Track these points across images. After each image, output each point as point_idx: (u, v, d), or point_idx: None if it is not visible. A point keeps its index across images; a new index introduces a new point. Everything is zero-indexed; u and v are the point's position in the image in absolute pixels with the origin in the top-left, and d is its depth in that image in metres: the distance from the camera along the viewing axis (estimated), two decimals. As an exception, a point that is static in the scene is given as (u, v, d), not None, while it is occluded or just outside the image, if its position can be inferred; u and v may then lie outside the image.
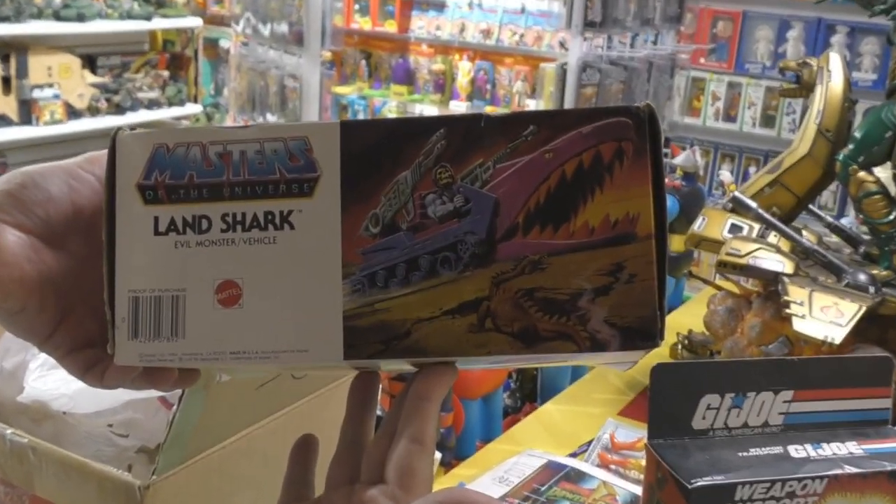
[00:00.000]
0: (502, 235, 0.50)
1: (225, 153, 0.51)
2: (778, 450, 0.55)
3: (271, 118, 3.73)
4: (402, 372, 0.60)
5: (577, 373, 2.12)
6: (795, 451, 0.55)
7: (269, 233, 0.50)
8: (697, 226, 1.40)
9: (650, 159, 0.50)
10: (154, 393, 0.76)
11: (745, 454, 0.54)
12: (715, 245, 1.34)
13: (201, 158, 0.51)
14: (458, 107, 4.15)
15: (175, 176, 0.51)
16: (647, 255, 0.50)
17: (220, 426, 0.73)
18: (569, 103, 3.07)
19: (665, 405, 0.55)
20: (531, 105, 3.74)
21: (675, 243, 3.16)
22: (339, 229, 0.50)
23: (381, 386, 0.60)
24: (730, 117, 3.86)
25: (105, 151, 0.52)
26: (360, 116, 4.33)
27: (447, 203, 0.50)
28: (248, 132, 0.51)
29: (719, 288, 1.49)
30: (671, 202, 3.10)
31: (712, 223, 1.38)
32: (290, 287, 0.50)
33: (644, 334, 0.50)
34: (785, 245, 1.31)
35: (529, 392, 2.19)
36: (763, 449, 0.55)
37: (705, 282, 1.65)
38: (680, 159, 2.81)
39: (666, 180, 0.51)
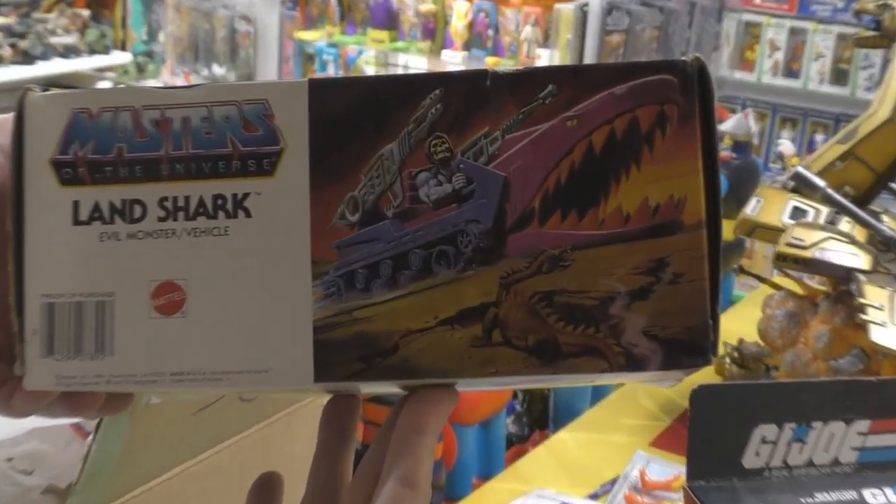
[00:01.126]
0: (514, 224, 0.50)
1: (163, 120, 0.50)
2: (851, 495, 0.55)
3: (218, 71, 3.73)
4: (386, 394, 0.60)
5: (598, 392, 2.13)
6: (872, 496, 0.55)
7: (219, 222, 0.50)
8: (751, 208, 1.41)
9: (700, 126, 0.50)
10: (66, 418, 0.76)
11: (809, 500, 0.55)
12: (772, 233, 1.35)
13: (133, 127, 0.50)
14: (453, 58, 4.14)
15: (100, 149, 0.50)
16: (696, 248, 0.50)
17: (149, 461, 0.73)
18: (590, 55, 3.08)
19: (709, 437, 0.56)
20: (543, 56, 3.73)
21: (724, 230, 3.15)
22: (307, 217, 0.50)
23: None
24: (792, 72, 3.87)
25: (9, 116, 0.51)
26: (331, 70, 4.30)
27: (444, 184, 0.50)
28: (192, 93, 0.51)
29: (777, 287, 1.49)
30: (720, 178, 3.09)
31: (769, 205, 1.39)
32: (246, 290, 0.50)
33: (692, 349, 0.50)
34: (860, 234, 1.32)
35: (539, 416, 2.19)
36: (832, 493, 0.55)
37: (760, 279, 1.65)
38: (729, 125, 2.81)
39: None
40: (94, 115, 0.51)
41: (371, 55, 4.27)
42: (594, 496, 1.21)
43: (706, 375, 1.73)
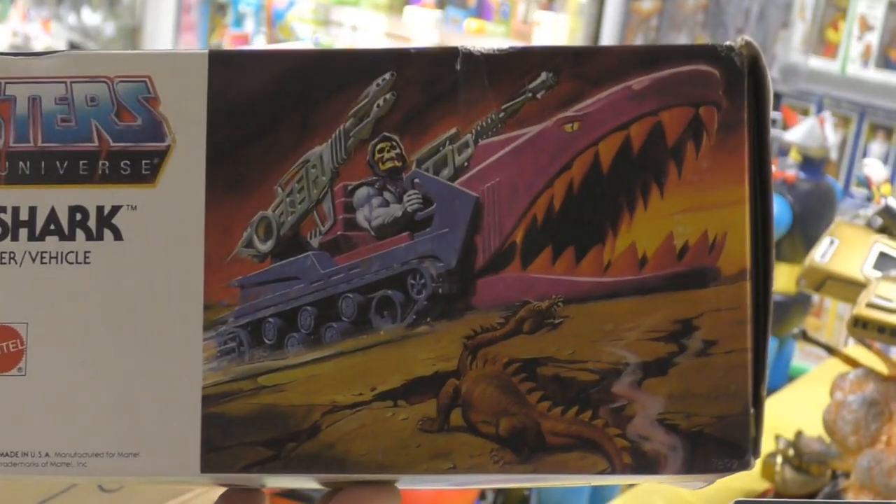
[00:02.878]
0: (486, 265, 0.50)
1: (2, 100, 0.51)
2: None
3: (91, 19, 3.73)
4: (304, 490, 0.61)
5: (598, 495, 2.14)
6: None
7: (76, 245, 0.51)
8: (821, 253, 1.42)
9: (749, 138, 0.51)
10: None
11: None
12: (850, 288, 1.36)
13: None
14: (420, 18, 4.16)
15: None
16: (737, 307, 0.50)
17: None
18: (610, 27, 3.10)
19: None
20: (545, 23, 3.75)
21: (782, 279, 3.15)
22: (200, 243, 0.50)
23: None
24: (889, 62, 3.90)
25: None
26: (249, 25, 4.32)
27: (392, 204, 0.51)
28: (43, 64, 0.51)
29: (853, 363, 1.50)
30: (779, 208, 3.09)
31: (847, 249, 1.40)
32: (109, 342, 0.50)
33: (726, 447, 0.50)
34: (970, 295, 1.33)
35: (516, 525, 2.20)
36: None
37: (829, 350, 1.67)
38: (799, 134, 2.83)
39: (774, 169, 0.52)
40: None
41: (307, 8, 4.28)
42: None
43: (749, 479, 1.74)
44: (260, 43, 4.35)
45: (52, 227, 0.50)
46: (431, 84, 0.51)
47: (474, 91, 0.51)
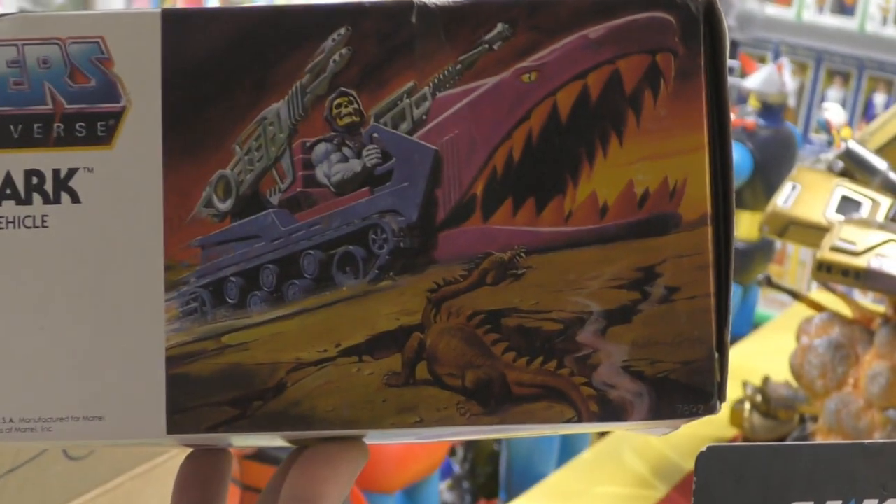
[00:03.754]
0: (447, 218, 0.50)
1: None
2: None
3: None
4: (271, 448, 0.61)
5: (568, 446, 2.14)
6: None
7: (33, 209, 0.50)
8: (783, 198, 1.42)
9: (706, 84, 0.51)
10: None
11: None
12: (813, 233, 1.37)
13: None
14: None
15: None
16: (698, 252, 0.50)
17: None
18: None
19: (720, 518, 0.56)
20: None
21: (744, 226, 3.17)
22: (159, 203, 0.50)
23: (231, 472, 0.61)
24: (844, 7, 3.92)
25: None
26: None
27: (351, 159, 0.50)
28: None
29: (818, 307, 1.51)
30: (740, 155, 3.10)
31: (809, 194, 1.41)
32: (70, 305, 0.50)
33: (691, 392, 0.50)
34: (933, 235, 1.34)
35: (486, 481, 2.21)
36: None
37: (794, 295, 1.67)
38: (757, 81, 2.84)
39: (734, 117, 0.52)
40: None
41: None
42: None
43: (718, 426, 1.75)
44: (214, 2, 4.34)
45: (9, 191, 0.50)
46: (387, 38, 0.50)
47: (431, 44, 0.50)
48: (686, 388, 0.50)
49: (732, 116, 3.54)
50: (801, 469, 0.57)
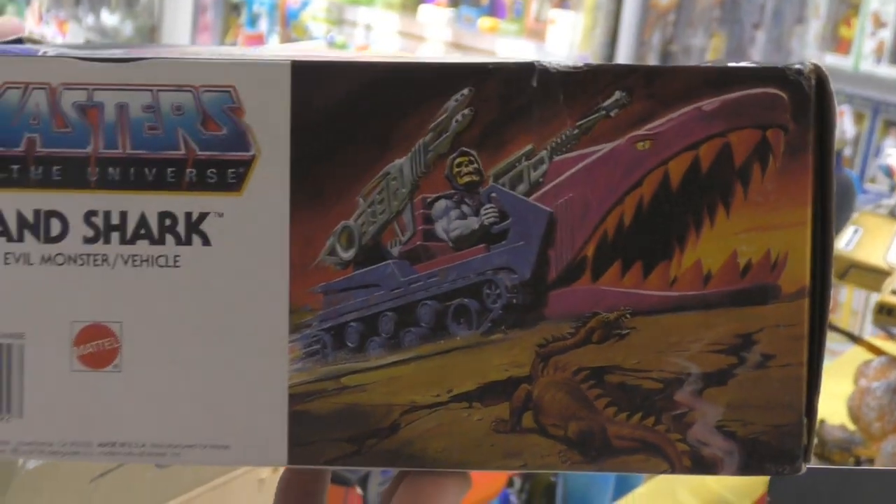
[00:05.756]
0: (558, 277, 0.52)
1: (90, 106, 0.51)
2: None
3: (109, 20, 3.72)
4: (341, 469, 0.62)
5: (624, 481, 2.13)
6: None
7: (166, 249, 0.51)
8: (845, 241, 1.42)
9: (813, 159, 0.51)
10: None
11: None
12: (873, 276, 1.36)
13: (49, 113, 0.50)
14: (434, 14, 4.14)
15: (3, 139, 0.51)
16: (795, 324, 0.52)
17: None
18: (629, 22, 3.08)
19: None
20: (560, 21, 3.73)
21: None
22: (286, 249, 0.51)
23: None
24: (904, 58, 3.89)
25: None
26: (263, 25, 4.30)
27: (469, 217, 0.51)
28: (130, 70, 0.51)
29: (877, 351, 1.50)
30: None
31: (871, 238, 1.40)
32: (200, 341, 0.52)
33: (779, 453, 0.52)
34: None
35: (543, 510, 2.20)
36: None
37: (853, 338, 1.66)
38: (815, 126, 2.79)
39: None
40: None
41: (320, 7, 4.26)
42: None
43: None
44: (274, 42, 4.31)
45: (143, 231, 0.51)
46: (508, 100, 0.51)
47: (549, 108, 0.51)
48: (775, 450, 0.52)
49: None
50: (870, 493, 0.58)
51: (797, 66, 0.51)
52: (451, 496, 0.53)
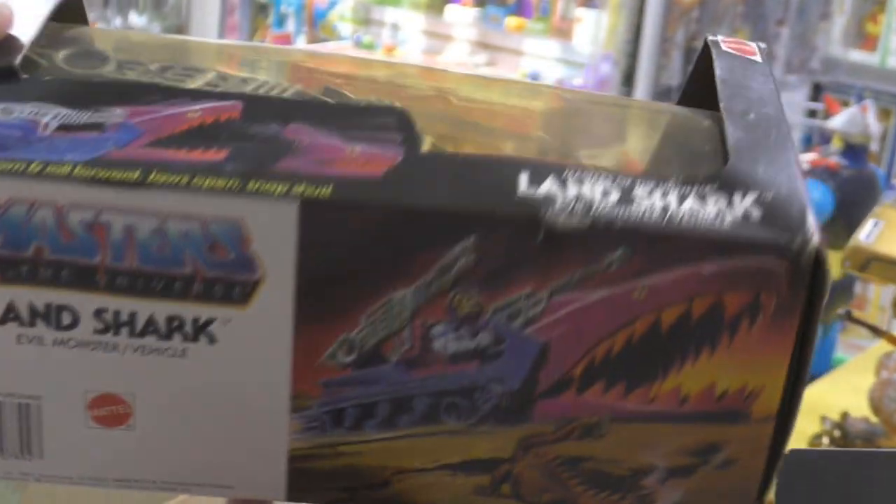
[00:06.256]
0: (546, 391, 0.54)
1: (98, 224, 0.51)
2: None
3: (137, 21, 3.73)
4: None
5: None
6: None
7: (173, 343, 0.53)
8: (866, 234, 1.41)
9: (799, 321, 0.52)
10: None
11: None
12: (893, 269, 1.39)
13: (56, 227, 0.51)
14: (460, 14, 4.13)
15: (11, 244, 0.51)
16: (759, 440, 0.55)
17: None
18: (652, 20, 3.07)
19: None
20: (586, 19, 3.71)
21: (825, 265, 3.10)
22: (288, 353, 0.53)
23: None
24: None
25: None
26: (290, 25, 4.28)
27: (465, 339, 0.53)
28: (138, 198, 0.50)
29: (899, 344, 1.51)
30: (822, 194, 3.07)
31: (892, 230, 1.41)
32: (208, 413, 0.54)
33: None
34: None
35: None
36: None
37: (874, 331, 1.65)
38: (840, 121, 2.78)
39: (817, 157, 0.55)
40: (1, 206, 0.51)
41: (347, 7, 4.24)
42: None
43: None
44: (301, 42, 4.29)
45: (152, 328, 0.52)
46: (513, 250, 0.51)
47: (553, 258, 0.51)
48: None
49: (815, 156, 3.48)
50: (881, 475, 0.59)
51: (799, 239, 0.51)
52: None
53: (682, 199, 0.52)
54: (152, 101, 0.53)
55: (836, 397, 1.64)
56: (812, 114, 3.45)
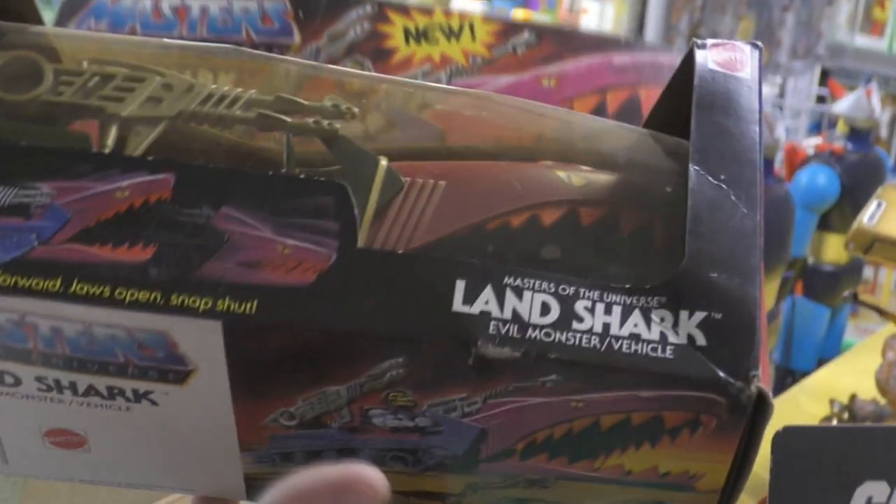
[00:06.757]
0: (489, 458, 0.54)
1: (24, 324, 0.50)
2: None
3: None
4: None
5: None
6: None
7: (117, 402, 0.53)
8: (869, 215, 1.41)
9: (742, 436, 0.51)
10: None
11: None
12: (897, 250, 1.36)
13: None
14: (468, 6, 4.14)
15: None
16: (706, 502, 0.55)
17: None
18: (655, 10, 3.08)
19: (797, 496, 0.57)
20: (592, 11, 3.73)
21: (832, 249, 3.14)
22: (231, 416, 0.53)
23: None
24: (935, 39, 3.87)
25: None
26: None
27: (404, 421, 0.52)
28: (63, 308, 0.49)
29: (905, 325, 1.50)
30: (828, 179, 3.07)
31: (893, 212, 1.39)
32: (161, 448, 0.55)
33: None
34: None
35: None
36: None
37: (879, 312, 1.66)
38: (845, 105, 2.80)
39: (822, 141, 0.52)
40: None
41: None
42: None
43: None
44: None
45: (93, 392, 0.52)
46: (444, 368, 0.50)
47: (486, 376, 0.50)
48: None
49: (824, 141, 3.49)
50: (875, 450, 0.58)
51: (740, 384, 0.49)
52: None
53: (625, 316, 0.50)
54: (81, 173, 0.51)
55: (844, 380, 1.64)
56: (821, 99, 3.45)
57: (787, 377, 3.20)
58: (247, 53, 0.57)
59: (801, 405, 1.79)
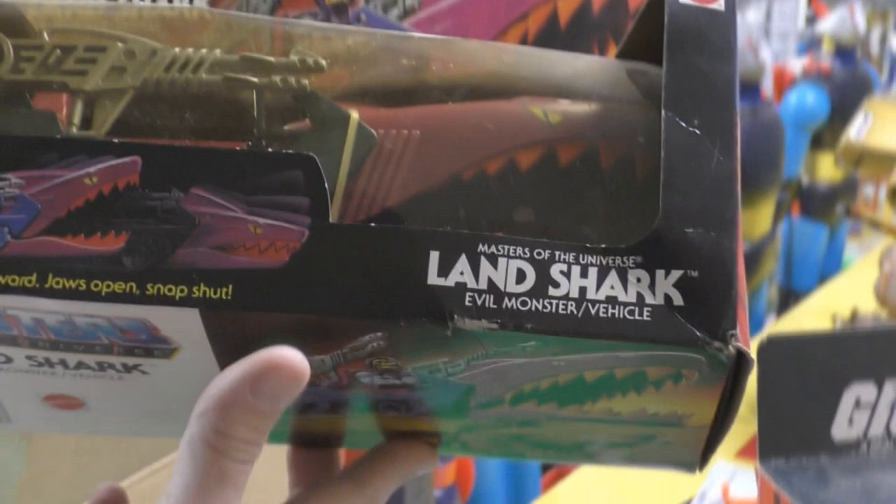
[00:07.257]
0: (479, 405, 0.55)
1: (5, 315, 0.50)
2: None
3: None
4: None
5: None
6: None
7: (108, 373, 0.53)
8: (856, 130, 1.41)
9: (726, 385, 0.51)
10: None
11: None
12: (887, 161, 1.36)
13: None
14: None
15: None
16: (695, 436, 0.56)
17: (57, 488, 0.76)
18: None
19: (786, 402, 0.57)
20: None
21: (825, 168, 3.14)
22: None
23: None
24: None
25: None
26: None
27: (391, 380, 0.53)
28: (44, 304, 0.49)
29: (900, 235, 1.50)
30: (817, 99, 3.07)
31: (882, 123, 1.39)
32: (158, 403, 0.56)
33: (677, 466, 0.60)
34: None
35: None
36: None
37: (874, 224, 1.66)
38: (830, 24, 2.79)
39: (809, 61, 0.52)
40: None
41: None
42: (664, 520, 1.23)
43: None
44: None
45: (84, 367, 0.53)
46: (423, 339, 0.49)
47: (466, 345, 0.49)
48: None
49: (811, 60, 3.49)
50: (860, 353, 0.58)
51: (717, 344, 0.48)
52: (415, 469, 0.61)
53: (601, 278, 0.49)
54: (49, 161, 0.50)
55: (846, 297, 1.65)
56: (811, 21, 3.44)
57: (790, 297, 3.22)
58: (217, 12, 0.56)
59: (804, 324, 1.79)
